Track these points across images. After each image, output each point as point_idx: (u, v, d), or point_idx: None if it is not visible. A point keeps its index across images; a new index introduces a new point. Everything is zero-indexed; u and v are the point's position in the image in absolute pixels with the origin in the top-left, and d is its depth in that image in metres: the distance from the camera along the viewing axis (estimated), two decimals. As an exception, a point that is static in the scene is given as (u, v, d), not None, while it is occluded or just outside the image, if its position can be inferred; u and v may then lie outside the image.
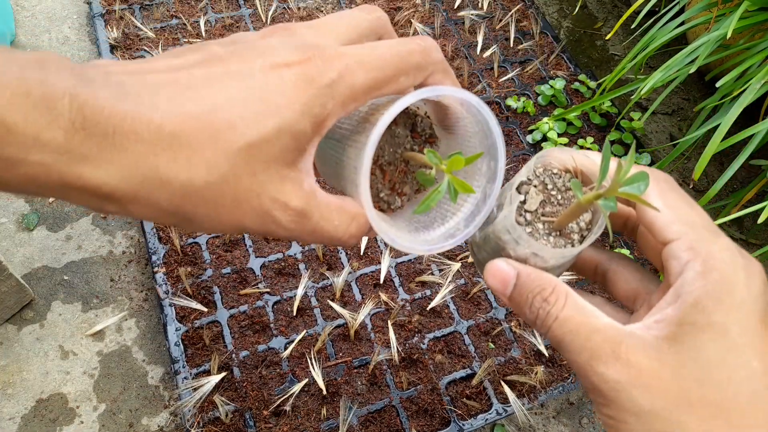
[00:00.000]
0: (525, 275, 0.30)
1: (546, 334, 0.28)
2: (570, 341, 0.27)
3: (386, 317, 0.89)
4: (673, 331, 0.26)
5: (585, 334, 0.27)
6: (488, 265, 0.31)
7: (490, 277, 0.30)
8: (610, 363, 0.26)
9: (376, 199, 0.35)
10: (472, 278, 0.94)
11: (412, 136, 0.35)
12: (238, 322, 0.87)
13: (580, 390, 0.91)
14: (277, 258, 0.93)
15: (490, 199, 0.32)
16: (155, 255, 0.91)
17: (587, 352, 0.26)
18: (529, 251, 0.30)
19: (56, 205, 1.00)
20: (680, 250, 0.27)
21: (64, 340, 0.88)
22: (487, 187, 0.32)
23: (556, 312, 0.28)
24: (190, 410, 0.79)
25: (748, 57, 0.87)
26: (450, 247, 0.32)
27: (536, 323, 0.29)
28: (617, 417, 0.26)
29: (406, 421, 0.81)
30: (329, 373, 0.84)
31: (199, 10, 1.22)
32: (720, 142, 0.80)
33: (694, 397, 0.25)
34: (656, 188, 0.29)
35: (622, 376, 0.25)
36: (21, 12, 1.21)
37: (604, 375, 0.26)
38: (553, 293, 0.28)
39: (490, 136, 0.31)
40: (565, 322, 0.27)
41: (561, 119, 1.13)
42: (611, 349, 0.26)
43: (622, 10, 1.38)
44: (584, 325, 0.27)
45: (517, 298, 0.30)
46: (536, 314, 0.29)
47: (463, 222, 0.33)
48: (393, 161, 0.34)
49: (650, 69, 1.27)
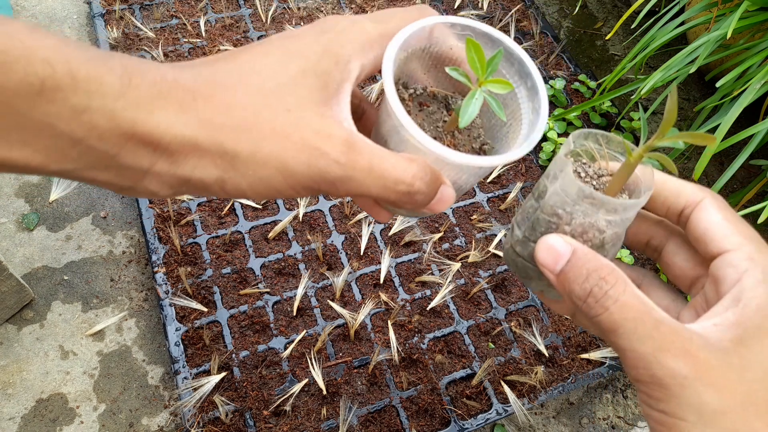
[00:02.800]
0: (582, 252, 0.29)
1: (599, 315, 0.27)
2: (633, 328, 0.26)
3: (386, 317, 0.89)
4: (737, 334, 0.26)
5: (651, 324, 0.26)
6: (542, 239, 0.30)
7: (543, 251, 0.29)
8: (679, 357, 0.25)
9: None
10: (472, 278, 0.94)
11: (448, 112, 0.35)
12: (238, 322, 0.87)
13: (580, 390, 0.91)
14: (277, 258, 0.93)
15: (540, 93, 0.31)
16: (155, 255, 0.91)
17: (654, 343, 0.25)
18: (588, 221, 0.29)
19: (56, 205, 1.00)
20: (738, 259, 0.28)
21: (64, 340, 0.88)
22: (528, 83, 0.32)
23: (616, 294, 0.27)
24: (190, 410, 0.79)
25: (748, 57, 0.87)
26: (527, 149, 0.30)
27: (587, 301, 0.27)
28: (676, 414, 0.25)
29: (406, 421, 0.81)
30: (329, 373, 0.84)
31: (199, 10, 1.22)
32: (720, 142, 0.80)
33: (761, 400, 0.25)
34: (714, 203, 0.30)
35: (691, 371, 0.25)
36: (21, 12, 1.21)
37: (672, 368, 0.25)
38: (611, 274, 0.27)
39: (497, 42, 0.31)
40: (626, 307, 0.26)
41: (561, 119, 1.13)
42: (681, 343, 0.25)
43: (622, 10, 1.38)
44: (648, 314, 0.26)
45: (569, 273, 0.28)
46: (589, 291, 0.27)
47: (528, 129, 0.32)
48: (436, 136, 0.34)
49: (650, 69, 1.27)
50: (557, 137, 1.10)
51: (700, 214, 0.30)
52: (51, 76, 0.22)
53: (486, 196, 1.04)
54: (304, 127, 0.25)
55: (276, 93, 0.26)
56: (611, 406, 0.91)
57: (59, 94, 0.22)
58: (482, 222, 1.00)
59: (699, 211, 0.30)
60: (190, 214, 0.96)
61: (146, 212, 0.94)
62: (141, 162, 0.24)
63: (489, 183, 1.05)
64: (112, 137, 0.23)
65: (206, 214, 0.96)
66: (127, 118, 0.23)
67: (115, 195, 1.02)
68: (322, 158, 0.25)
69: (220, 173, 0.25)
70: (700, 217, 0.30)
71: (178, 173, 0.25)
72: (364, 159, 0.26)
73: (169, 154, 0.25)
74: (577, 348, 0.90)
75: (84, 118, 0.23)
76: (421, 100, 0.34)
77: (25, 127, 0.22)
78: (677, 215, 0.31)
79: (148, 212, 0.94)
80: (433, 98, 0.35)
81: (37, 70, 0.21)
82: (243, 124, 0.25)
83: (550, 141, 1.10)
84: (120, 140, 0.24)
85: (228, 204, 0.97)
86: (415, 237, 0.96)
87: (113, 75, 0.23)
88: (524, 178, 1.07)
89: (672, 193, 0.31)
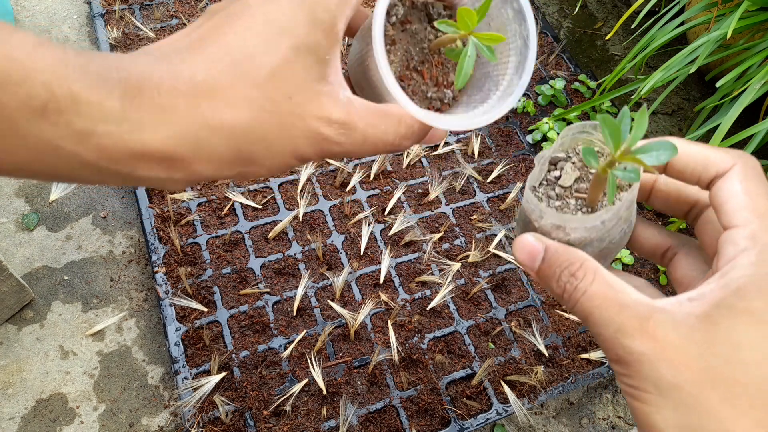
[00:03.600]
0: (553, 250, 0.30)
1: (573, 307, 0.29)
2: (598, 315, 0.27)
3: (386, 317, 0.89)
4: (706, 310, 0.26)
5: (614, 309, 0.27)
6: (517, 239, 0.31)
7: (518, 251, 0.31)
8: (636, 336, 0.26)
9: (426, 99, 0.34)
10: (472, 278, 0.94)
11: (431, 27, 0.34)
12: (238, 322, 0.87)
13: (580, 390, 0.91)
14: (277, 258, 0.93)
15: (530, 39, 0.31)
16: (155, 255, 0.91)
17: (614, 326, 0.27)
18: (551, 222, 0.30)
19: (56, 205, 1.00)
20: (740, 237, 0.27)
21: (64, 340, 0.88)
22: (522, 30, 0.31)
23: (584, 286, 0.28)
24: (190, 410, 0.79)
25: (748, 57, 0.87)
26: (509, 106, 0.31)
27: (563, 297, 0.29)
28: (640, 387, 0.26)
29: (406, 421, 0.81)
30: (329, 373, 0.84)
31: (199, 10, 1.22)
32: (720, 142, 0.80)
33: (720, 376, 0.25)
34: (741, 172, 0.29)
35: (647, 348, 0.26)
36: (21, 12, 1.21)
37: (629, 347, 0.26)
38: (581, 268, 0.28)
39: None
40: (593, 296, 0.28)
41: (561, 119, 1.13)
42: (638, 323, 0.26)
43: (622, 10, 1.38)
44: (612, 300, 0.27)
45: (545, 272, 0.30)
46: (563, 288, 0.29)
47: (516, 76, 0.31)
48: (425, 59, 0.34)
49: (650, 69, 1.27)
50: (557, 137, 1.10)
51: (723, 183, 0.29)
52: (52, 100, 0.22)
53: (486, 196, 1.04)
54: (307, 114, 0.27)
55: (273, 81, 0.26)
56: (611, 406, 0.91)
57: (62, 118, 0.22)
58: (482, 222, 1.00)
59: (724, 180, 0.29)
60: (190, 214, 0.96)
61: (146, 212, 0.94)
62: (158, 174, 0.25)
63: (489, 183, 1.05)
64: (123, 159, 0.24)
65: (206, 214, 0.96)
66: (134, 139, 0.24)
67: (115, 195, 1.02)
68: (325, 142, 0.28)
69: (239, 170, 0.27)
70: (720, 187, 0.29)
71: (196, 177, 0.26)
72: (359, 133, 0.28)
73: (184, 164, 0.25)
74: (577, 348, 0.90)
75: (92, 142, 0.23)
76: (402, 19, 0.34)
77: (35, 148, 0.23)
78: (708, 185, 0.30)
79: (148, 212, 0.94)
80: (412, 8, 0.34)
81: (39, 92, 0.22)
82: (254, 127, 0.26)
83: (550, 141, 1.10)
84: (132, 161, 0.24)
85: (228, 204, 0.97)
86: (415, 237, 0.96)
87: (113, 98, 0.23)
88: (524, 178, 1.07)
89: (699, 163, 0.30)
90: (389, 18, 0.33)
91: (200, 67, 0.25)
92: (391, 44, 0.33)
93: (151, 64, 0.24)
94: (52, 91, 0.22)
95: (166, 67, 0.25)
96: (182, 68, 0.25)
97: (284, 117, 0.26)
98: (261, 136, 0.26)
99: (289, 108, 0.26)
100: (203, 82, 0.25)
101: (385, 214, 0.99)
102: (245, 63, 0.25)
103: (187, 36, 0.27)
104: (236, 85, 0.25)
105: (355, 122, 0.28)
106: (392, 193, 1.01)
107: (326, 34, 0.27)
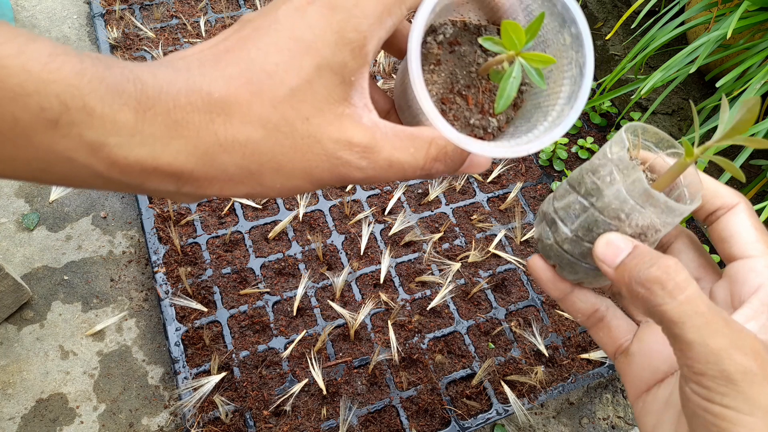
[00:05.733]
0: (644, 247, 0.29)
1: (665, 304, 0.27)
2: (703, 323, 0.26)
3: (386, 317, 0.89)
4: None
5: (720, 320, 0.26)
6: (602, 237, 0.30)
7: (603, 246, 0.30)
8: (749, 355, 0.25)
9: (468, 126, 0.32)
10: (472, 278, 0.94)
11: (482, 50, 0.32)
12: (238, 322, 0.87)
13: (580, 390, 0.91)
14: (277, 258, 0.93)
15: (586, 67, 0.28)
16: (155, 255, 0.91)
17: (726, 340, 0.26)
18: (647, 222, 0.30)
19: (56, 205, 1.00)
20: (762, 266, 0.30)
21: (64, 340, 0.88)
22: (578, 57, 0.29)
23: (684, 286, 0.27)
24: (190, 410, 0.79)
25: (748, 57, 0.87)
26: (555, 138, 0.28)
27: (653, 288, 0.27)
28: (742, 409, 0.25)
29: (406, 421, 0.81)
30: (329, 373, 0.84)
31: (199, 10, 1.22)
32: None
33: None
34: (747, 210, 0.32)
35: (761, 369, 0.25)
36: (21, 12, 1.21)
37: (744, 365, 0.25)
38: (677, 265, 0.27)
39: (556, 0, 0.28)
40: (695, 301, 0.26)
41: (561, 119, 1.13)
42: (751, 342, 0.26)
43: (622, 10, 1.38)
44: (714, 311, 0.26)
45: (631, 263, 0.28)
46: (656, 278, 0.27)
47: (567, 106, 0.29)
48: (471, 83, 0.32)
49: (650, 69, 1.27)
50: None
51: (732, 217, 0.32)
52: (65, 112, 0.22)
53: (486, 196, 1.04)
54: (325, 137, 0.25)
55: (291, 101, 0.25)
56: (611, 406, 0.91)
57: (74, 130, 0.22)
58: (482, 222, 1.00)
59: (731, 214, 0.32)
60: (190, 214, 0.96)
61: (146, 212, 0.94)
62: (167, 187, 0.25)
63: (489, 183, 1.05)
64: (133, 172, 0.24)
65: (206, 214, 0.96)
66: (145, 153, 0.23)
67: (115, 195, 1.02)
68: (344, 167, 0.26)
69: (248, 190, 0.26)
70: (730, 220, 0.32)
71: (206, 193, 0.26)
72: (383, 157, 0.26)
73: (193, 180, 0.25)
74: (577, 348, 0.90)
75: (102, 154, 0.23)
76: (450, 39, 0.32)
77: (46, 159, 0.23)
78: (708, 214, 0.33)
79: (148, 212, 0.94)
80: (464, 30, 0.32)
81: (52, 104, 0.22)
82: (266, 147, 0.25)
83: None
84: (142, 174, 0.24)
85: (228, 204, 0.97)
86: (415, 237, 0.96)
87: (127, 110, 0.23)
88: (524, 178, 1.07)
89: (710, 193, 0.33)
90: (436, 36, 0.32)
91: (219, 84, 0.24)
92: (436, 64, 0.31)
93: (169, 76, 0.24)
94: (66, 103, 0.22)
95: (185, 80, 0.24)
96: (201, 83, 0.24)
97: (299, 139, 0.25)
98: (272, 157, 0.25)
99: (306, 130, 0.25)
100: (220, 98, 0.24)
101: (385, 214, 0.99)
102: (265, 81, 0.25)
103: (214, 47, 0.26)
104: (253, 103, 0.24)
105: (380, 146, 0.26)
106: (392, 193, 1.01)
107: (354, 54, 0.25)
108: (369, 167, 0.26)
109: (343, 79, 0.25)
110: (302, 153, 0.25)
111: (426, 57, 0.31)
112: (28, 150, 0.22)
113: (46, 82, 0.21)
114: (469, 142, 0.28)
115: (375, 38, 0.26)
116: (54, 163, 0.23)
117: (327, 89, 0.25)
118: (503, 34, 0.27)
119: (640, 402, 0.33)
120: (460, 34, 0.32)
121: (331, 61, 0.25)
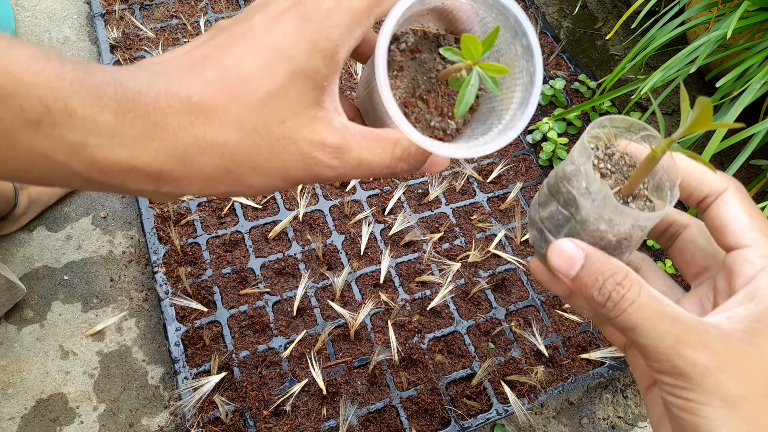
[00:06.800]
0: (595, 258, 0.30)
1: (617, 317, 0.28)
2: (649, 326, 0.27)
3: (386, 317, 0.89)
4: (750, 326, 0.27)
5: (666, 321, 0.27)
6: (553, 244, 0.31)
7: (555, 256, 0.30)
8: (698, 349, 0.26)
9: (429, 128, 0.34)
10: (472, 278, 0.94)
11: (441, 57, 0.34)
12: (238, 322, 0.87)
13: (580, 390, 0.91)
14: (277, 258, 0.93)
15: (536, 76, 0.31)
16: (155, 255, 0.91)
17: (672, 338, 0.27)
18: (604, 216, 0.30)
19: (56, 205, 1.00)
20: (756, 256, 0.29)
21: (64, 340, 0.88)
22: (528, 66, 0.31)
23: (632, 297, 0.28)
24: (190, 410, 0.79)
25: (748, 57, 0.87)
26: (509, 140, 0.31)
27: (606, 305, 0.29)
28: (701, 400, 0.26)
29: (406, 421, 0.81)
30: (329, 373, 0.84)
31: (199, 10, 1.22)
32: (720, 142, 0.80)
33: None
34: (737, 195, 0.31)
35: (711, 361, 0.26)
36: (21, 12, 1.21)
37: (692, 359, 0.26)
38: (626, 278, 0.28)
39: (507, 13, 0.30)
40: (643, 307, 0.28)
41: (561, 119, 1.13)
42: (698, 336, 0.27)
43: (622, 10, 1.38)
44: (662, 312, 0.27)
45: (584, 279, 0.29)
46: (607, 296, 0.28)
47: (519, 111, 0.32)
48: (431, 88, 0.34)
49: (650, 69, 1.27)
50: (557, 137, 1.10)
51: (722, 204, 0.31)
52: (47, 114, 0.23)
53: (486, 196, 1.04)
54: (299, 139, 0.27)
55: (268, 105, 0.26)
56: (611, 406, 0.91)
57: (56, 131, 0.23)
58: (482, 222, 1.00)
59: (721, 201, 0.31)
60: (190, 214, 0.96)
61: (146, 212, 0.94)
62: (146, 187, 0.26)
63: (489, 183, 1.05)
64: (113, 172, 0.24)
65: (206, 214, 0.96)
66: (124, 153, 0.24)
67: (115, 195, 1.02)
68: (317, 166, 0.28)
69: (226, 189, 0.27)
70: (721, 208, 0.31)
71: (184, 192, 0.27)
72: (353, 157, 0.28)
73: (172, 180, 0.26)
74: (577, 348, 0.90)
75: (84, 154, 0.24)
76: (412, 47, 0.34)
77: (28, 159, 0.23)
78: (698, 201, 0.32)
79: (148, 212, 0.95)
80: (424, 38, 0.34)
81: (34, 106, 0.22)
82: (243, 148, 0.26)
83: (550, 141, 1.10)
84: (121, 174, 0.25)
85: (228, 204, 0.97)
86: (415, 237, 0.96)
87: (107, 112, 0.23)
88: (524, 178, 1.07)
89: (695, 180, 0.32)
90: (399, 45, 0.34)
91: (197, 88, 0.25)
92: (399, 70, 0.34)
93: (148, 80, 0.25)
94: (47, 105, 0.22)
95: (164, 84, 0.25)
96: (179, 87, 0.25)
97: (275, 140, 0.27)
98: (249, 157, 0.26)
99: (282, 132, 0.27)
100: (199, 102, 0.25)
101: (385, 214, 0.99)
102: (242, 86, 0.26)
103: (190, 52, 0.27)
104: (230, 106, 0.26)
105: (350, 146, 0.28)
106: (392, 193, 1.01)
107: (326, 61, 0.27)
108: (340, 166, 0.28)
109: (316, 85, 0.27)
110: (278, 153, 0.27)
111: (390, 64, 0.34)
112: (8, 150, 0.23)
113: (27, 84, 0.22)
114: (432, 144, 0.30)
115: (345, 47, 0.27)
116: (34, 163, 0.24)
117: (301, 94, 0.27)
118: (463, 46, 0.29)
119: (649, 394, 0.34)
120: (421, 42, 0.34)
121: (305, 68, 0.26)
